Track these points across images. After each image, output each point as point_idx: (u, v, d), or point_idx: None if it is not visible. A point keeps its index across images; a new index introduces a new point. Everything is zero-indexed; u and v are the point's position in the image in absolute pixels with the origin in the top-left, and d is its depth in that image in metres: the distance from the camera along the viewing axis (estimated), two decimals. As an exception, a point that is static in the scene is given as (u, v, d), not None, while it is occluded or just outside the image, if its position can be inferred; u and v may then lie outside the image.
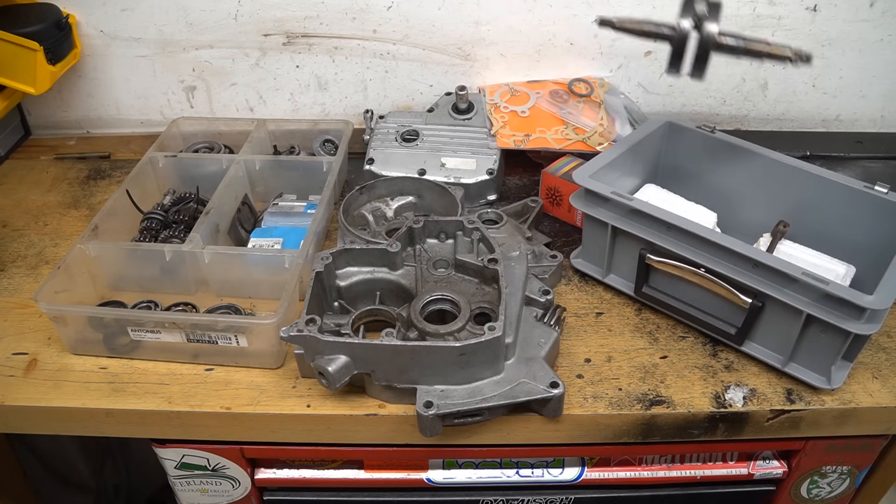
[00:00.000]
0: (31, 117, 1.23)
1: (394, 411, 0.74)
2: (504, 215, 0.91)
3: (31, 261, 0.95)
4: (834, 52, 1.14)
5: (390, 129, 1.07)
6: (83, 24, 1.13)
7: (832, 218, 0.85)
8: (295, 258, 0.83)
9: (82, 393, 0.77)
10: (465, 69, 1.16)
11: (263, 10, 1.11)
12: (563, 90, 1.13)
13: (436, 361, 0.69)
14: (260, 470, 0.84)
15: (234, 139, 1.10)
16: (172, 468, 0.83)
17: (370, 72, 1.17)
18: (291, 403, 0.75)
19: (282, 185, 1.03)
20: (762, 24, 1.11)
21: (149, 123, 1.23)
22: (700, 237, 0.76)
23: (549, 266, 0.86)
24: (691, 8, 0.76)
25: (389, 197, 0.96)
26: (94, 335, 0.80)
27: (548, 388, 0.70)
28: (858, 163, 1.14)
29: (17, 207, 1.06)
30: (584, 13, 1.10)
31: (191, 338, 0.78)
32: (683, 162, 0.95)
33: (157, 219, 0.95)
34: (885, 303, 0.67)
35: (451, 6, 1.10)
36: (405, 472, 0.83)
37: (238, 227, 0.94)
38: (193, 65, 1.17)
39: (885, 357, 0.80)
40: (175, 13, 1.12)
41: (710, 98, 1.19)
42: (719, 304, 0.78)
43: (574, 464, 0.83)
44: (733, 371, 0.78)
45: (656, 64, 1.15)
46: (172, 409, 0.75)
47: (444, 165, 1.01)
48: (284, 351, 0.80)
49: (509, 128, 1.07)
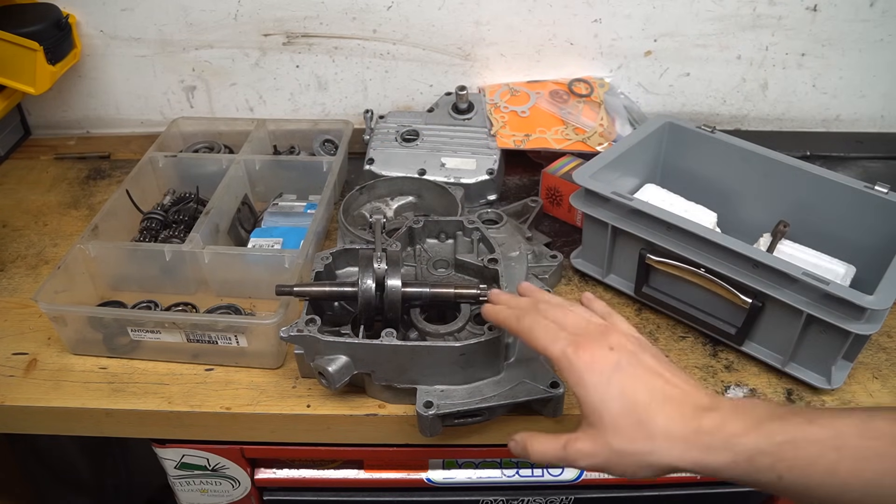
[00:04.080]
0: (31, 117, 1.23)
1: (394, 411, 0.74)
2: (504, 215, 0.91)
3: (31, 261, 0.95)
4: (834, 52, 1.13)
5: (390, 129, 1.07)
6: (83, 24, 1.13)
7: (832, 218, 0.84)
8: (295, 258, 0.83)
9: (82, 393, 0.77)
10: (465, 69, 1.16)
11: (263, 10, 1.11)
12: (563, 90, 1.13)
13: (436, 361, 0.69)
14: (260, 470, 0.84)
15: (234, 139, 1.10)
16: (172, 468, 0.83)
17: (370, 72, 1.17)
18: (291, 403, 0.75)
19: (282, 185, 1.03)
20: (762, 23, 1.11)
21: (149, 123, 1.23)
22: (700, 237, 0.76)
23: (549, 266, 0.86)
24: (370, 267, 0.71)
25: (389, 197, 0.96)
26: (94, 335, 0.80)
27: (548, 389, 0.70)
28: (858, 163, 1.14)
29: (17, 207, 1.06)
30: (584, 13, 1.10)
31: (191, 338, 0.78)
32: (683, 162, 0.95)
33: (157, 219, 0.95)
34: (885, 303, 0.67)
35: (451, 6, 1.10)
36: (405, 472, 0.83)
37: (238, 227, 0.94)
38: (193, 65, 1.17)
39: (885, 357, 0.80)
40: (175, 13, 1.12)
41: (710, 98, 1.19)
42: (719, 304, 0.78)
43: (574, 464, 0.83)
44: (733, 371, 0.78)
45: (656, 64, 1.15)
46: (172, 409, 0.75)
47: (444, 165, 1.01)
48: (284, 351, 0.80)
49: (509, 128, 1.07)
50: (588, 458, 0.54)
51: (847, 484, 0.46)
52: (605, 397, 0.53)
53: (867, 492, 0.46)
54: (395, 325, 0.71)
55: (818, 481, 0.47)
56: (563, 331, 0.57)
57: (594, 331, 0.58)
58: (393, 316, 0.71)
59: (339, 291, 0.72)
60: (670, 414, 0.52)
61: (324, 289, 0.72)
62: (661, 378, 0.54)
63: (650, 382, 0.54)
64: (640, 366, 0.55)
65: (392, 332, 0.69)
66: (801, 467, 0.47)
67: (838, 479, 0.46)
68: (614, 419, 0.53)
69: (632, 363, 0.55)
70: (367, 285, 0.70)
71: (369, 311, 0.71)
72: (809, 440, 0.48)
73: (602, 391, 0.53)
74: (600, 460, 0.53)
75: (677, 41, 1.13)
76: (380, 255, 0.72)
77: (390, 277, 0.70)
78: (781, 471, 0.48)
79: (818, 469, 0.47)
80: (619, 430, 0.52)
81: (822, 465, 0.47)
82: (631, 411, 0.53)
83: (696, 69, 1.16)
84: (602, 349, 0.55)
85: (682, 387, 0.54)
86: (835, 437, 0.47)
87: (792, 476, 0.47)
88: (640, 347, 0.57)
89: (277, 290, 0.72)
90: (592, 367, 0.54)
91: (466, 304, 0.74)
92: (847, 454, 0.46)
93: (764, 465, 0.48)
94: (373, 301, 0.70)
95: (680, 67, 1.16)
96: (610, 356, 0.55)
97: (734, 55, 1.14)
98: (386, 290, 0.70)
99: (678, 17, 1.11)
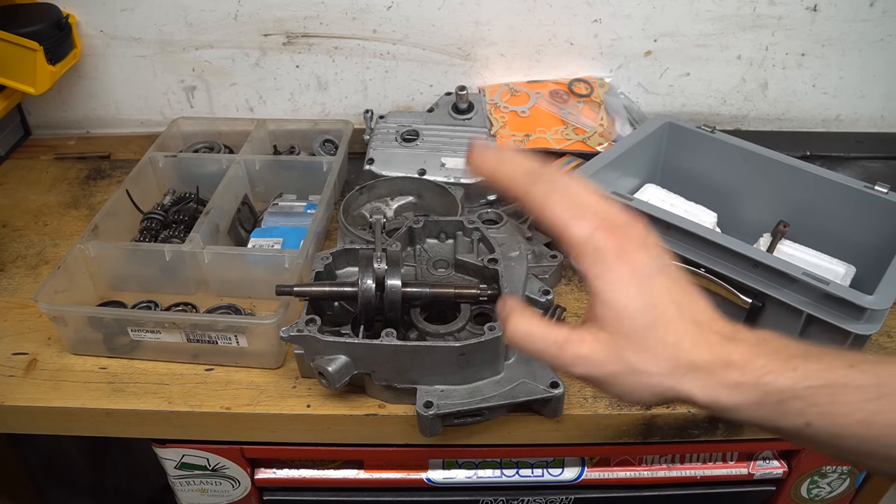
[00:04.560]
0: (31, 117, 1.23)
1: (394, 411, 0.74)
2: (504, 215, 0.91)
3: (31, 261, 0.95)
4: (834, 52, 1.13)
5: (390, 129, 1.07)
6: (83, 24, 1.13)
7: (832, 218, 0.84)
8: (295, 258, 0.83)
9: (82, 393, 0.77)
10: (465, 69, 1.16)
11: (263, 10, 1.11)
12: (563, 90, 1.13)
13: (436, 361, 0.69)
14: (260, 470, 0.84)
15: (234, 139, 1.10)
16: (172, 468, 0.83)
17: (370, 72, 1.17)
18: (291, 403, 0.75)
19: (282, 185, 1.03)
20: (762, 23, 1.11)
21: (149, 123, 1.23)
22: (700, 237, 0.76)
23: (549, 266, 0.86)
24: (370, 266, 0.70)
25: (389, 197, 0.96)
26: (94, 335, 0.80)
27: (548, 389, 0.70)
28: (858, 163, 1.14)
29: (17, 207, 1.06)
30: (584, 13, 1.10)
31: (191, 338, 0.78)
32: (683, 162, 0.95)
33: (157, 219, 0.95)
34: (885, 303, 0.67)
35: (451, 6, 1.10)
36: (405, 472, 0.83)
37: (238, 227, 0.94)
38: (193, 65, 1.17)
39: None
40: (175, 13, 1.12)
41: (710, 98, 1.19)
42: (720, 304, 0.78)
43: (574, 464, 0.83)
44: (733, 371, 0.78)
45: (656, 64, 1.15)
46: (172, 409, 0.75)
47: (444, 165, 1.01)
48: (284, 351, 0.80)
49: (509, 128, 1.07)
50: (590, 366, 0.46)
51: (882, 436, 0.42)
52: (631, 302, 0.45)
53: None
54: (395, 325, 0.71)
55: (851, 432, 0.42)
56: (588, 209, 0.47)
57: (623, 220, 0.47)
58: (393, 316, 0.71)
59: (339, 291, 0.72)
60: (696, 338, 0.45)
61: (324, 289, 0.72)
62: (688, 296, 0.47)
63: (681, 299, 0.46)
64: (671, 278, 0.46)
65: (392, 332, 0.69)
66: (836, 415, 0.42)
67: (873, 431, 0.42)
68: (637, 330, 0.45)
69: (664, 271, 0.46)
70: (367, 285, 0.70)
71: (369, 311, 0.71)
72: (850, 386, 0.42)
73: (631, 293, 0.45)
74: (605, 372, 0.46)
75: (677, 41, 1.13)
76: (380, 255, 0.72)
77: (390, 277, 0.70)
78: (812, 417, 0.42)
79: (853, 419, 0.42)
80: (639, 344, 0.45)
81: (859, 415, 0.42)
82: (658, 326, 0.45)
83: (696, 69, 1.16)
84: (634, 243, 0.46)
85: (708, 311, 0.47)
86: (878, 386, 0.42)
87: (822, 423, 0.43)
88: (665, 254, 0.48)
89: (277, 290, 0.72)
90: (623, 261, 0.45)
91: (466, 304, 0.74)
92: (887, 404, 0.41)
93: (794, 410, 0.43)
94: (373, 301, 0.70)
95: (680, 67, 1.16)
96: (642, 255, 0.46)
97: (734, 55, 1.14)
98: (386, 290, 0.70)
99: (678, 17, 1.11)
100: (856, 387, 0.42)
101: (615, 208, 0.48)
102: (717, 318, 0.47)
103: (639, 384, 0.46)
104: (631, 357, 0.45)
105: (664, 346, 0.45)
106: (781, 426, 0.44)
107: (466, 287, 0.73)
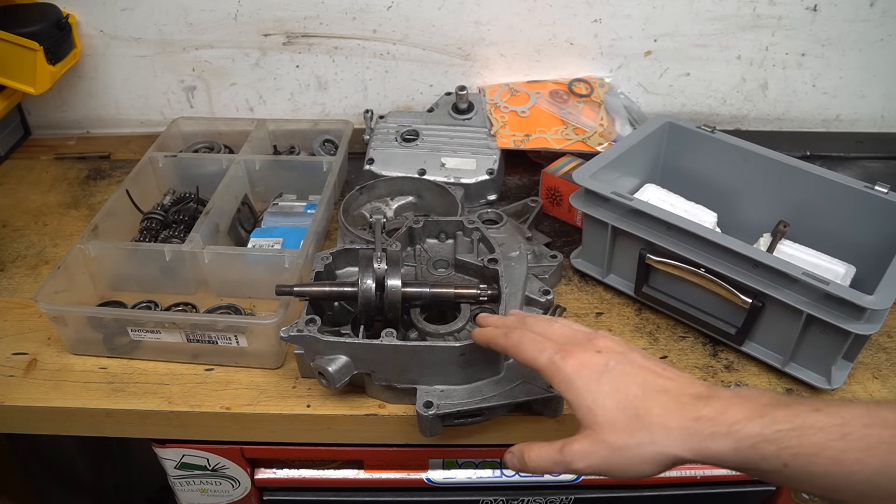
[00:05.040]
0: (31, 117, 1.23)
1: (394, 411, 0.74)
2: (504, 215, 0.91)
3: (31, 261, 0.95)
4: (834, 52, 1.14)
5: (390, 129, 1.07)
6: (83, 24, 1.13)
7: (832, 218, 0.84)
8: (295, 258, 0.83)
9: (82, 393, 0.77)
10: (465, 69, 1.16)
11: (263, 10, 1.11)
12: (563, 90, 1.13)
13: (436, 361, 0.69)
14: (260, 470, 0.84)
15: (234, 139, 1.10)
16: (172, 468, 0.83)
17: (370, 72, 1.17)
18: (291, 403, 0.75)
19: (282, 185, 1.03)
20: (762, 23, 1.11)
21: (149, 123, 1.23)
22: (700, 237, 0.76)
23: (549, 266, 0.86)
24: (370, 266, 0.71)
25: (389, 197, 0.96)
26: (94, 335, 0.80)
27: (548, 389, 0.70)
28: (858, 163, 1.14)
29: (17, 207, 1.06)
30: (584, 13, 1.10)
31: (191, 338, 0.78)
32: (683, 162, 0.95)
33: (157, 219, 0.95)
34: (885, 303, 0.67)
35: (451, 6, 1.10)
36: (405, 472, 0.83)
37: (238, 227, 0.94)
38: (193, 65, 1.17)
39: (885, 357, 0.80)
40: (175, 13, 1.12)
41: (710, 98, 1.19)
42: (719, 304, 0.78)
43: (574, 464, 0.83)
44: (733, 371, 0.78)
45: (656, 64, 1.15)
46: (172, 410, 0.75)
47: (444, 165, 1.01)
48: (284, 351, 0.80)
49: (509, 128, 1.07)
50: (586, 459, 0.53)
51: (853, 472, 0.45)
52: (596, 396, 0.53)
53: (873, 481, 0.45)
54: (395, 325, 0.71)
55: (824, 470, 0.46)
56: (550, 341, 0.58)
57: (581, 338, 0.58)
58: (393, 316, 0.71)
59: (339, 291, 0.72)
60: (666, 404, 0.51)
61: (324, 289, 0.72)
62: (652, 372, 0.54)
63: (642, 377, 0.54)
64: (629, 363, 0.55)
65: (392, 332, 0.69)
66: (807, 455, 0.46)
67: (844, 468, 0.45)
68: (608, 415, 0.52)
69: (621, 362, 0.54)
70: (367, 285, 0.70)
71: (369, 311, 0.71)
72: (815, 427, 0.46)
73: (593, 391, 0.53)
74: (599, 459, 0.52)
75: (677, 41, 1.13)
76: (380, 255, 0.72)
77: (390, 277, 0.70)
78: (786, 458, 0.47)
79: (824, 457, 0.46)
80: (615, 426, 0.52)
81: (828, 453, 0.46)
82: (625, 405, 0.52)
83: (696, 69, 1.16)
84: (589, 353, 0.55)
85: (676, 379, 0.54)
86: (841, 425, 0.46)
87: (797, 464, 0.46)
88: (627, 348, 0.57)
89: (277, 290, 0.72)
90: (581, 371, 0.54)
91: (466, 304, 0.74)
92: (853, 442, 0.45)
93: (768, 453, 0.47)
94: (373, 301, 0.70)
95: (680, 67, 1.16)
96: (598, 358, 0.55)
97: (734, 55, 1.14)
98: (386, 290, 0.70)
99: (678, 17, 1.11)
100: (820, 428, 0.46)
101: (573, 330, 0.59)
102: (687, 382, 0.53)
103: (631, 459, 0.51)
104: (611, 439, 0.52)
105: (635, 419, 0.51)
106: (763, 469, 0.48)
107: (466, 287, 0.73)
